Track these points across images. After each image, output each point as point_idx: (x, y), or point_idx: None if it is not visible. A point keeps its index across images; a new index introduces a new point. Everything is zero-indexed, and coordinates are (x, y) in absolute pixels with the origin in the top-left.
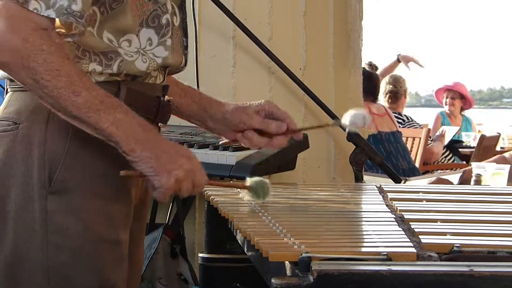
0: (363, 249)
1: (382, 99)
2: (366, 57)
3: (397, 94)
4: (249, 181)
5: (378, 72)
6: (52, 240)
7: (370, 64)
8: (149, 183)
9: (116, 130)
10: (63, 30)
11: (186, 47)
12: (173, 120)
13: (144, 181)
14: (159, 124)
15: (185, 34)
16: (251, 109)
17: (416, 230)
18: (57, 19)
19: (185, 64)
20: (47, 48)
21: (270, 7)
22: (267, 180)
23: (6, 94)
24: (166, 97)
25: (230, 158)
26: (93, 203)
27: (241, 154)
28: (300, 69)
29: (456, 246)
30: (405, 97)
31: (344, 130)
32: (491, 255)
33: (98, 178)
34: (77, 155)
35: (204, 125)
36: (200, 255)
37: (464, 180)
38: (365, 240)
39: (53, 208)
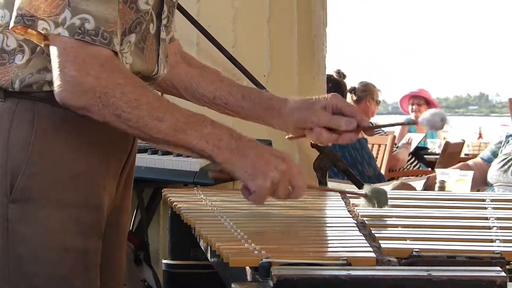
0: (324, 254)
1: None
2: (334, 65)
3: (354, 94)
4: (365, 189)
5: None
6: (14, 251)
7: (338, 72)
8: (244, 191)
9: (207, 144)
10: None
11: (158, 55)
12: None
13: (121, 188)
14: None
15: (158, 42)
16: (318, 105)
17: (376, 235)
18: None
19: (158, 72)
20: (122, 80)
21: (234, 14)
22: (385, 190)
23: None
24: None
25: (194, 164)
26: (58, 211)
27: (205, 161)
28: (264, 76)
29: (415, 251)
30: (368, 103)
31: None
32: (450, 259)
33: (64, 185)
34: (40, 161)
35: (267, 124)
36: (164, 261)
37: (428, 186)
38: (326, 245)
39: (14, 217)
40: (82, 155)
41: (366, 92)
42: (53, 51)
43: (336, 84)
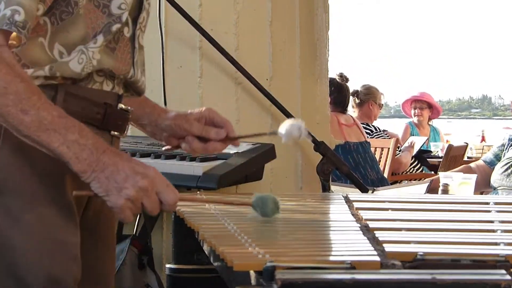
0: (328, 258)
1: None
2: (336, 68)
3: (356, 97)
4: (253, 197)
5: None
6: None
7: (341, 76)
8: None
9: (67, 150)
10: (14, 42)
11: (133, 59)
12: (140, 131)
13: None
14: (113, 133)
15: (134, 46)
16: (192, 116)
17: (380, 238)
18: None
19: (134, 75)
20: None
21: (237, 18)
22: (271, 196)
23: None
24: (122, 106)
25: (197, 168)
26: (33, 205)
27: (208, 165)
28: (267, 79)
29: (420, 255)
30: (371, 107)
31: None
32: (455, 263)
33: (34, 179)
34: (10, 155)
35: (145, 130)
36: (168, 266)
37: (432, 190)
38: (330, 249)
39: None
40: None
41: (369, 96)
42: None
43: (338, 88)
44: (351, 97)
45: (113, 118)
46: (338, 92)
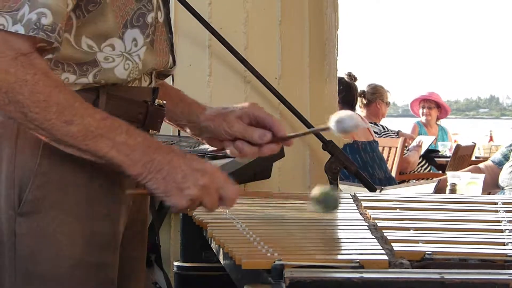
0: (336, 257)
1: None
2: (345, 68)
3: (363, 98)
4: (316, 191)
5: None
6: (21, 266)
7: (350, 75)
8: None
9: (117, 154)
10: (45, 45)
11: (172, 45)
12: None
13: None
14: (150, 131)
15: (170, 30)
16: (233, 115)
17: (388, 238)
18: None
19: (174, 64)
20: (30, 78)
21: (246, 17)
22: (333, 192)
23: None
24: (158, 101)
25: None
26: (69, 224)
27: (216, 163)
28: (276, 78)
29: (428, 254)
30: (378, 106)
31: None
32: (463, 262)
33: (76, 196)
34: (50, 171)
35: (181, 128)
36: (175, 263)
37: (439, 189)
38: (338, 247)
39: (23, 231)
40: (92, 166)
41: (376, 95)
42: None
43: (347, 87)
44: (358, 98)
45: (153, 117)
46: (347, 91)
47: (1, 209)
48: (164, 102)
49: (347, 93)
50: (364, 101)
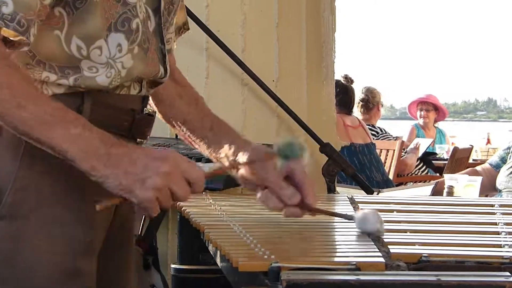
0: (333, 259)
1: (356, 109)
2: (342, 70)
3: (368, 103)
4: (277, 145)
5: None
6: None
7: (346, 77)
8: (133, 204)
9: (71, 146)
10: (9, 36)
11: (164, 55)
12: None
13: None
14: (137, 140)
15: (162, 40)
16: (273, 163)
17: (385, 240)
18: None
19: (165, 74)
20: None
21: (243, 19)
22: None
23: None
24: (147, 110)
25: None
26: (48, 229)
27: (212, 166)
28: (273, 81)
29: (425, 256)
30: (378, 109)
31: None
32: (459, 264)
33: (56, 201)
34: (30, 175)
35: (220, 161)
36: (173, 266)
37: (437, 192)
38: (335, 250)
39: (2, 235)
40: (72, 170)
41: (376, 99)
42: None
43: (343, 89)
44: (361, 103)
45: (140, 125)
46: (343, 93)
47: None
48: (154, 111)
49: (344, 96)
50: (370, 106)
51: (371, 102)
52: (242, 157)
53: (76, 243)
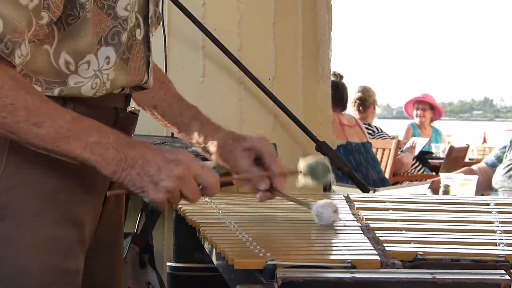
0: (328, 257)
1: (351, 108)
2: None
3: (365, 102)
4: (302, 164)
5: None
6: None
7: (334, 74)
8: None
9: (90, 155)
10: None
11: (149, 63)
12: (142, 129)
13: (111, 206)
14: None
15: (149, 48)
16: (241, 147)
17: (380, 238)
18: None
19: (148, 81)
20: None
21: (240, 18)
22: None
23: None
24: (130, 108)
25: None
26: (37, 229)
27: (207, 163)
28: (269, 79)
29: (420, 254)
30: (374, 108)
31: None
32: (455, 262)
33: (44, 200)
34: (16, 175)
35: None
36: (169, 264)
37: (433, 191)
38: (330, 248)
39: None
40: (60, 169)
41: (372, 97)
42: None
43: (334, 86)
44: (357, 102)
45: (124, 124)
46: (334, 90)
47: None
48: (138, 109)
49: (335, 92)
50: (367, 104)
51: (367, 100)
52: (212, 146)
53: (65, 243)
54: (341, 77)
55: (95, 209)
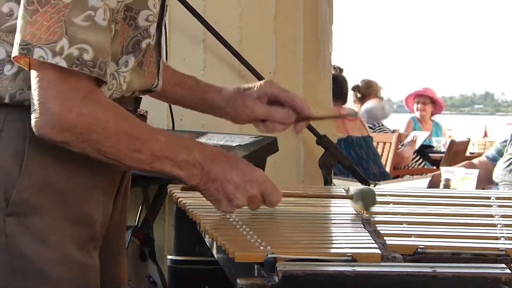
0: (329, 250)
1: (352, 103)
2: (338, 62)
3: (358, 92)
4: (353, 191)
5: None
6: (17, 264)
7: (334, 67)
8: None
9: (179, 171)
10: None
11: (159, 69)
12: None
13: (119, 203)
14: None
15: (160, 53)
16: (252, 96)
17: (381, 232)
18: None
19: (158, 85)
20: (103, 115)
21: (240, 11)
22: (371, 190)
23: None
24: (139, 111)
25: None
26: (55, 224)
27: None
28: (270, 73)
29: (421, 248)
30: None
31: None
32: (455, 256)
33: (57, 198)
34: (35, 173)
35: (207, 113)
36: (169, 257)
37: (433, 185)
38: (331, 241)
39: (13, 231)
40: (73, 169)
41: (370, 89)
42: (36, 79)
43: (334, 79)
44: (352, 92)
45: None
46: (334, 83)
47: None
48: (146, 111)
49: (335, 86)
50: (358, 95)
51: (361, 92)
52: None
53: (80, 239)
54: (341, 70)
55: (106, 208)
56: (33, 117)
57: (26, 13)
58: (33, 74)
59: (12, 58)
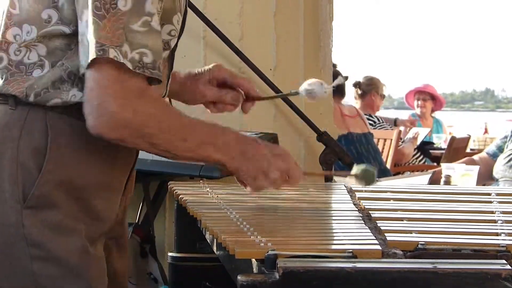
0: (329, 247)
1: (353, 100)
2: (340, 59)
3: (359, 88)
4: (355, 169)
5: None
6: (36, 254)
7: None
8: (241, 182)
9: (221, 155)
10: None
11: (168, 79)
12: None
13: (124, 200)
14: None
15: (171, 65)
16: (202, 81)
17: (382, 228)
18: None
19: (166, 95)
20: (154, 110)
21: (241, 7)
22: (372, 168)
23: None
24: None
25: None
26: (71, 219)
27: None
28: (270, 69)
29: (421, 244)
30: (372, 98)
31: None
32: (456, 252)
33: (74, 195)
34: (55, 170)
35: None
36: (170, 254)
37: (434, 181)
38: (332, 238)
39: (30, 223)
40: (89, 167)
41: (371, 86)
42: (94, 80)
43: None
44: (353, 88)
45: None
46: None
47: (7, 203)
48: None
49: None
50: (359, 92)
51: (362, 88)
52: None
53: (92, 232)
54: (334, 65)
55: (115, 205)
56: (91, 117)
57: (97, 18)
58: (91, 74)
59: (89, 62)
